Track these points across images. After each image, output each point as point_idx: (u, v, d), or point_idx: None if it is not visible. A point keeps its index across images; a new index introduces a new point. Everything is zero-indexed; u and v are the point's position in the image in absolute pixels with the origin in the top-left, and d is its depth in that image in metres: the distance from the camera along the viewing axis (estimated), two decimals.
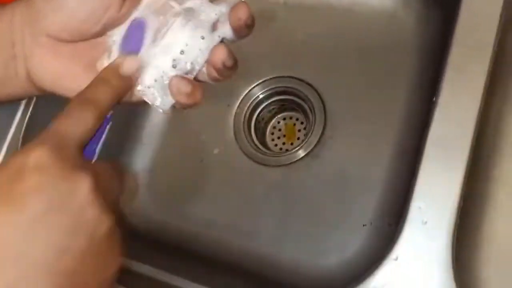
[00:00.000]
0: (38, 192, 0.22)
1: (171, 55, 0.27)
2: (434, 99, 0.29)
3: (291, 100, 0.49)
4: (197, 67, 0.27)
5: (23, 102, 0.38)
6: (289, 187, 0.45)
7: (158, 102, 0.28)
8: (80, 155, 0.24)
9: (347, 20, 0.47)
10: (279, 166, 0.46)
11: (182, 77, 0.27)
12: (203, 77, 0.28)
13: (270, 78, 0.49)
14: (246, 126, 0.48)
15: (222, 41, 0.28)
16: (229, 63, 0.27)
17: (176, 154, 0.49)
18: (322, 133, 0.45)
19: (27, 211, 0.21)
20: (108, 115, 0.26)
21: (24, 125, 0.38)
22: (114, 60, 0.28)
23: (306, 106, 0.48)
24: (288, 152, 0.46)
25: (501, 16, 0.28)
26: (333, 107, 0.45)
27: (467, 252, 0.28)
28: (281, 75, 0.48)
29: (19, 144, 0.38)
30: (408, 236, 0.26)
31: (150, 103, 0.28)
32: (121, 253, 0.24)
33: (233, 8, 0.27)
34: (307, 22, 0.48)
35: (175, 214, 0.46)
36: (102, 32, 0.28)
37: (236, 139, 0.48)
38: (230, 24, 0.27)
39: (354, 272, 0.38)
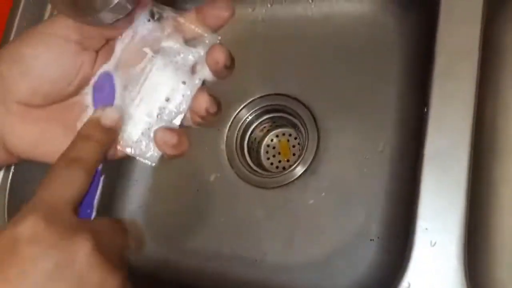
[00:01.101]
0: (34, 265, 0.21)
1: (157, 104, 0.27)
2: (425, 109, 0.28)
3: (281, 117, 0.48)
4: (182, 114, 0.27)
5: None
6: (290, 208, 0.44)
7: (148, 155, 0.27)
8: (75, 217, 0.23)
9: (327, 30, 0.46)
10: (278, 187, 0.45)
11: (167, 129, 0.26)
12: (187, 122, 0.27)
13: (258, 98, 0.48)
14: (239, 149, 0.48)
15: (203, 83, 0.27)
16: (212, 109, 0.26)
17: (170, 187, 0.48)
18: (317, 147, 0.44)
19: (25, 284, 0.20)
20: (99, 169, 0.25)
21: (7, 188, 0.36)
22: (92, 114, 0.27)
23: (297, 121, 0.47)
24: (286, 171, 0.45)
25: (483, 14, 0.27)
26: (323, 119, 0.44)
27: (481, 265, 0.27)
28: (267, 93, 0.47)
29: (5, 208, 0.36)
30: (418, 260, 0.25)
31: (138, 158, 0.27)
32: None
33: (209, 51, 0.26)
34: (287, 37, 0.47)
35: (175, 250, 0.45)
36: (77, 91, 0.27)
37: (230, 164, 0.47)
38: (208, 67, 0.26)
39: None
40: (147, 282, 0.44)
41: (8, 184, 0.36)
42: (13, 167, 0.36)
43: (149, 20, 0.27)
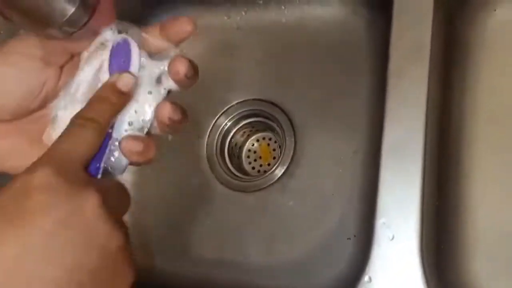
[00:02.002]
0: (45, 211, 0.21)
1: (126, 118, 0.27)
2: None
3: (260, 121, 0.49)
4: (148, 123, 0.27)
5: None
6: (271, 210, 0.44)
7: (116, 165, 0.27)
8: (84, 172, 0.24)
9: (301, 35, 0.47)
10: (258, 190, 0.46)
11: (133, 137, 0.27)
12: (155, 130, 0.28)
13: (235, 103, 0.49)
14: (219, 155, 0.48)
15: (169, 92, 0.28)
16: (176, 117, 0.27)
17: (152, 196, 0.49)
18: (294, 150, 0.45)
19: (35, 230, 0.21)
20: (110, 131, 0.26)
21: None
22: (109, 78, 0.27)
23: (275, 125, 0.48)
24: (264, 175, 0.46)
25: (434, 16, 0.28)
26: (299, 122, 0.45)
27: (444, 257, 0.28)
28: (244, 99, 0.48)
29: None
30: (378, 255, 0.26)
31: (110, 170, 0.28)
32: (133, 268, 0.24)
33: (171, 63, 0.27)
34: (261, 43, 0.48)
35: (160, 257, 0.46)
36: (43, 105, 0.28)
37: (211, 170, 0.48)
38: (171, 78, 0.27)
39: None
40: None
41: None
42: None
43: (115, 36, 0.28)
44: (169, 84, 0.28)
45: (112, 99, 0.26)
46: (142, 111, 0.27)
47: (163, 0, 0.49)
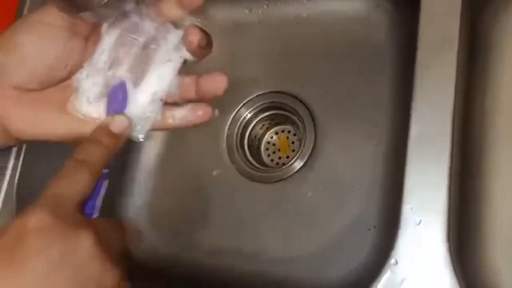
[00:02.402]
0: (40, 253, 0.22)
1: (148, 87, 0.28)
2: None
3: (280, 114, 0.49)
4: (168, 89, 0.29)
5: (13, 156, 0.38)
6: (289, 201, 0.45)
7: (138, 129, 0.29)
8: (78, 214, 0.25)
9: (322, 29, 0.47)
10: (277, 181, 0.46)
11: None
12: (174, 98, 0.29)
13: (256, 96, 0.49)
14: (239, 147, 0.49)
15: (185, 62, 0.29)
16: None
17: (173, 185, 0.49)
18: (314, 143, 0.46)
19: (30, 272, 0.22)
20: (104, 171, 0.26)
21: (17, 175, 0.38)
22: (103, 120, 0.28)
23: (295, 118, 0.48)
24: (284, 166, 0.47)
25: (462, 9, 0.28)
26: (320, 116, 0.46)
27: (467, 244, 0.28)
28: (265, 91, 0.49)
29: (14, 195, 0.38)
30: (404, 239, 0.26)
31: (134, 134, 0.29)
32: None
33: (184, 34, 0.28)
34: (283, 37, 0.49)
35: (180, 245, 0.46)
36: (69, 76, 0.29)
37: (231, 160, 0.48)
38: (185, 47, 0.28)
39: (365, 279, 0.37)
40: (151, 275, 0.45)
41: (18, 173, 0.38)
42: (22, 156, 0.38)
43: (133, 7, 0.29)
44: (184, 53, 0.29)
45: (104, 141, 0.27)
46: (162, 78, 0.28)
47: None
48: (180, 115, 0.29)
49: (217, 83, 0.29)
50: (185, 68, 0.29)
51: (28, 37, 0.28)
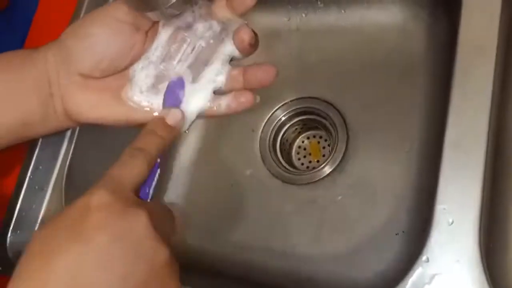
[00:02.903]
0: (101, 228, 0.24)
1: (210, 88, 0.31)
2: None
3: (313, 119, 0.51)
4: (218, 85, 0.31)
5: (66, 139, 0.41)
6: (319, 204, 0.46)
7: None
8: (134, 196, 0.27)
9: (359, 38, 0.49)
10: (308, 184, 0.47)
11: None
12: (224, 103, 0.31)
13: (291, 100, 0.50)
14: (272, 148, 0.50)
15: (231, 59, 0.31)
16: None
17: (206, 182, 0.51)
18: (346, 148, 0.47)
19: (93, 245, 0.24)
20: (158, 161, 0.29)
21: (68, 160, 0.41)
22: (160, 112, 0.31)
23: (327, 124, 0.49)
24: (315, 170, 0.48)
25: (500, 18, 0.29)
26: (353, 122, 0.47)
27: (498, 246, 0.28)
28: (300, 96, 0.50)
29: (63, 184, 0.41)
30: (437, 238, 0.27)
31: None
32: (179, 281, 0.26)
33: (236, 31, 0.30)
34: (320, 44, 0.50)
35: (211, 239, 0.48)
36: (128, 66, 0.32)
37: (263, 161, 0.50)
38: (235, 45, 0.30)
39: (391, 282, 0.38)
40: (184, 269, 0.46)
41: (68, 162, 0.40)
42: (72, 146, 0.40)
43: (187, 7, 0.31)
44: (234, 50, 0.31)
45: (159, 132, 0.29)
46: (214, 74, 0.31)
47: None
48: (225, 103, 0.31)
49: (266, 73, 0.31)
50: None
51: (98, 29, 0.30)
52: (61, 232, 0.24)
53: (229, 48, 0.30)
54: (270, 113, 0.51)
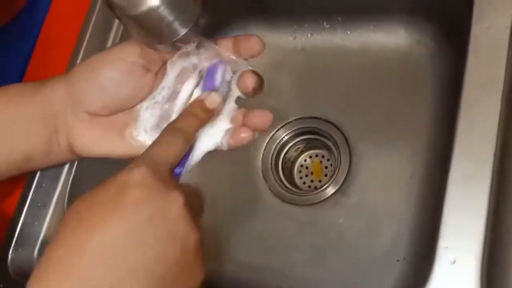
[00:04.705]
0: (139, 205, 0.24)
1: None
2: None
3: (315, 139, 0.51)
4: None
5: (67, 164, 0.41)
6: (320, 226, 0.46)
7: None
8: (172, 175, 0.27)
9: (363, 60, 0.49)
10: (309, 205, 0.47)
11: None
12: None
13: (293, 120, 0.51)
14: (274, 167, 0.50)
15: (238, 97, 0.32)
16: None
17: (207, 200, 0.51)
18: (349, 170, 0.47)
19: (130, 221, 0.24)
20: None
21: (71, 179, 0.41)
22: (199, 95, 0.31)
23: (330, 144, 0.49)
24: (317, 190, 0.48)
25: (508, 50, 0.29)
26: (357, 144, 0.47)
27: (500, 283, 0.28)
28: (303, 116, 0.50)
29: (65, 202, 0.41)
30: (438, 277, 0.27)
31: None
32: (204, 269, 0.27)
33: (240, 76, 0.31)
34: (325, 64, 0.50)
35: (210, 258, 0.48)
36: (136, 105, 0.32)
37: (265, 180, 0.50)
38: (239, 89, 0.31)
39: None
40: None
41: (70, 180, 0.40)
42: (75, 165, 0.41)
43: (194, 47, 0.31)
44: (238, 92, 0.32)
45: (199, 114, 0.29)
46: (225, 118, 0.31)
47: (235, 18, 0.53)
48: (225, 142, 0.32)
49: (263, 119, 0.31)
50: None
51: (109, 73, 0.31)
52: (99, 207, 0.24)
53: (233, 89, 0.31)
54: (273, 132, 0.51)
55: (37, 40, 0.48)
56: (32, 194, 0.40)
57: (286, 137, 0.51)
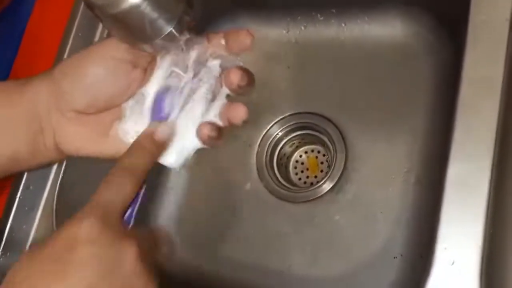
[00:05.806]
0: (90, 263, 0.23)
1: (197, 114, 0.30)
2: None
3: (311, 134, 0.50)
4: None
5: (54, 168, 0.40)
6: (316, 223, 0.45)
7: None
8: (121, 223, 0.26)
9: (358, 53, 0.48)
10: (305, 202, 0.46)
11: (210, 124, 0.29)
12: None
13: (288, 115, 0.50)
14: (268, 164, 0.49)
15: (227, 96, 0.30)
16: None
17: (202, 197, 0.50)
18: (345, 165, 0.46)
19: (81, 281, 0.23)
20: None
21: (59, 180, 0.40)
22: (148, 126, 0.30)
23: (325, 139, 0.49)
24: (313, 187, 0.47)
25: (507, 46, 0.28)
26: (352, 139, 0.46)
27: (500, 284, 0.28)
28: (298, 111, 0.49)
29: (54, 204, 0.40)
30: (437, 278, 0.26)
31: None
32: None
33: (226, 72, 0.29)
34: (319, 58, 0.49)
35: (206, 257, 0.47)
36: (122, 103, 0.31)
37: (260, 177, 0.49)
38: (226, 86, 0.29)
39: None
40: (179, 287, 0.46)
41: (59, 182, 0.39)
42: (64, 165, 0.40)
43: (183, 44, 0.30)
44: (226, 90, 0.30)
45: (148, 147, 0.28)
46: (201, 113, 0.30)
47: (226, 12, 0.51)
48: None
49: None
50: None
51: (95, 70, 0.29)
52: (47, 266, 0.23)
53: (221, 87, 0.30)
54: (267, 128, 0.50)
55: (24, 35, 0.47)
56: (20, 197, 0.39)
57: (280, 133, 0.50)
